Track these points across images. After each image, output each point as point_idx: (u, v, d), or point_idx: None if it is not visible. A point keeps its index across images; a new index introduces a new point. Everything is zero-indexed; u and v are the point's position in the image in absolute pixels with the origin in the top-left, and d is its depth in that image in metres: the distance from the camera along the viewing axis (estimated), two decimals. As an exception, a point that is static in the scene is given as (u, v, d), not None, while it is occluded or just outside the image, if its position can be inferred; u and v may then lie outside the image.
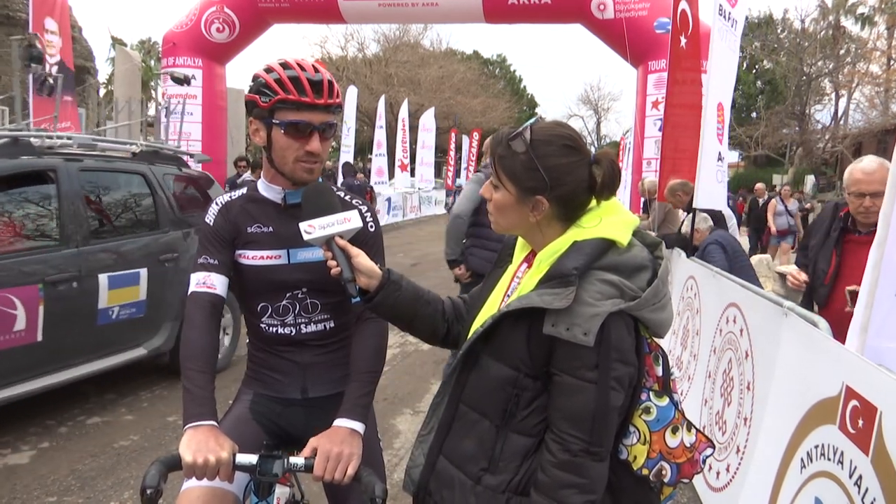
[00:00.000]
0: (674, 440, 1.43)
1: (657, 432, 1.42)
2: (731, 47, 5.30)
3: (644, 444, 1.41)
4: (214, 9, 12.30)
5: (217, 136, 13.05)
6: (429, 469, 1.52)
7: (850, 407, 2.00)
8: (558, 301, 1.32)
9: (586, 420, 1.32)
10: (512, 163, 1.43)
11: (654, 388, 1.44)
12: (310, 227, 1.58)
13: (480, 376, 1.46)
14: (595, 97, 53.40)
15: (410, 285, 1.63)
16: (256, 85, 1.75)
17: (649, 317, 1.39)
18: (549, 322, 1.33)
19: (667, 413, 1.43)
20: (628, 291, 1.35)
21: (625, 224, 1.43)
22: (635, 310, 1.36)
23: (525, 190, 1.42)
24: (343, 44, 38.36)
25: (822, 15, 30.61)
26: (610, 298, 1.33)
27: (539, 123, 1.45)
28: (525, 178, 1.42)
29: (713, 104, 5.07)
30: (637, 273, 1.39)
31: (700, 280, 4.73)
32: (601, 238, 1.39)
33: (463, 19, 12.88)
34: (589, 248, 1.38)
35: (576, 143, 1.44)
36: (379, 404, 4.90)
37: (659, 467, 1.42)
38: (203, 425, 1.61)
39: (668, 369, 1.49)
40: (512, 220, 1.48)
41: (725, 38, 5.15)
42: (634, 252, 1.41)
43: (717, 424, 3.55)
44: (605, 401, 1.32)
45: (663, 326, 1.44)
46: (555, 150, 1.41)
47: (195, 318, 1.75)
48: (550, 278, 1.36)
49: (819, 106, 32.52)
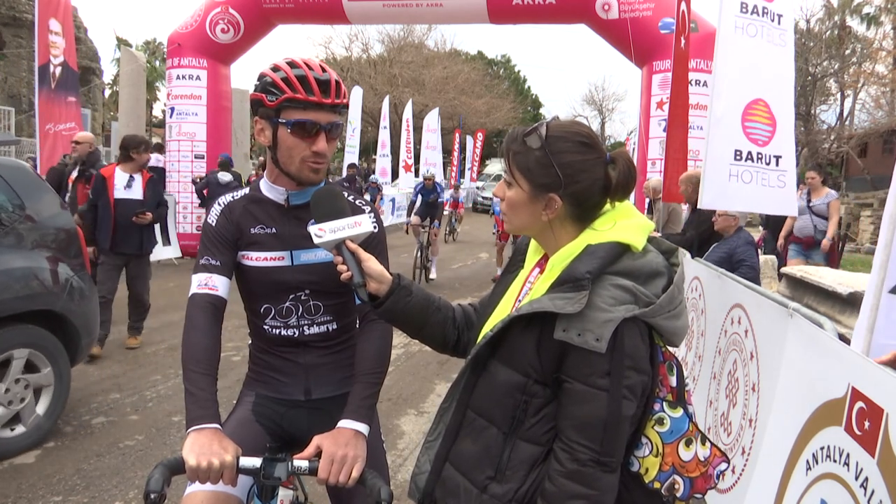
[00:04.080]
0: (687, 453, 1.39)
1: (670, 444, 1.38)
2: (775, 42, 5.06)
3: (656, 457, 1.38)
4: (219, 9, 12.30)
5: (222, 137, 13.04)
6: (434, 476, 1.49)
7: (856, 408, 1.99)
8: (570, 306, 1.29)
9: (597, 429, 1.29)
10: (526, 159, 1.40)
11: (668, 399, 1.40)
12: (320, 230, 1.56)
13: (489, 382, 1.43)
14: (599, 97, 53.33)
15: (421, 291, 1.60)
16: (263, 84, 1.73)
17: (664, 324, 1.35)
18: (560, 327, 1.30)
19: (680, 425, 1.39)
20: (643, 297, 1.32)
21: (640, 228, 1.40)
22: (650, 316, 1.32)
23: (538, 187, 1.39)
24: (347, 44, 38.50)
25: (827, 15, 30.48)
26: (623, 304, 1.30)
27: (555, 121, 1.43)
28: (539, 174, 1.39)
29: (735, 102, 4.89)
30: (652, 279, 1.36)
31: (705, 281, 4.71)
32: (615, 242, 1.36)
33: (467, 20, 12.86)
34: (603, 252, 1.34)
35: (592, 142, 1.41)
36: (383, 405, 4.90)
37: (671, 481, 1.38)
38: (206, 428, 1.60)
39: (683, 379, 1.46)
40: (524, 219, 1.45)
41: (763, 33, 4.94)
42: (649, 257, 1.38)
43: (723, 426, 3.54)
44: (617, 410, 1.29)
45: (678, 335, 1.40)
46: (570, 147, 1.38)
47: (197, 320, 1.74)
48: (563, 282, 1.33)
49: (825, 106, 32.34)
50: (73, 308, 4.39)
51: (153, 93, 38.36)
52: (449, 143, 33.51)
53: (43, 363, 4.20)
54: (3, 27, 20.98)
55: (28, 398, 4.12)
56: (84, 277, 4.57)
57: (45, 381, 4.23)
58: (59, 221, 4.53)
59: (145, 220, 6.11)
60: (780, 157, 4.94)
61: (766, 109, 4.96)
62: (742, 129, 4.85)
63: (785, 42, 5.13)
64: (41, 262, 4.26)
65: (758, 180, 4.89)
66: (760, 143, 4.94)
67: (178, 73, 12.53)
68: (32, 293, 4.13)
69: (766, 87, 4.97)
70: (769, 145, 4.95)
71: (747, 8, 4.90)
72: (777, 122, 4.99)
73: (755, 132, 4.93)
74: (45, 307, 4.22)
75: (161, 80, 35.74)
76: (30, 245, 4.26)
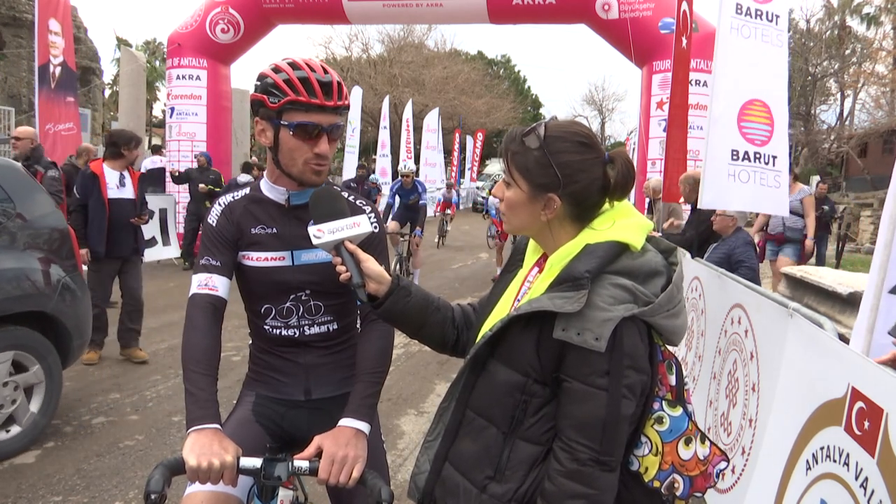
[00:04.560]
0: (687, 452, 1.40)
1: (670, 443, 1.38)
2: (772, 42, 5.09)
3: (656, 456, 1.38)
4: (219, 10, 12.30)
5: (222, 137, 13.04)
6: (434, 476, 1.50)
7: (855, 408, 1.99)
8: (569, 305, 1.29)
9: (596, 428, 1.29)
10: (525, 159, 1.40)
11: (668, 398, 1.40)
12: (319, 231, 1.56)
13: (488, 381, 1.43)
14: (599, 97, 53.33)
15: (420, 291, 1.60)
16: (264, 85, 1.72)
17: (663, 323, 1.36)
18: (559, 326, 1.30)
19: (680, 424, 1.39)
20: (642, 297, 1.32)
21: (639, 227, 1.40)
22: (649, 315, 1.33)
23: (537, 187, 1.40)
24: (347, 44, 38.47)
25: (827, 15, 30.49)
26: (623, 303, 1.30)
27: (554, 121, 1.44)
28: (538, 174, 1.39)
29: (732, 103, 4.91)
30: (651, 278, 1.36)
31: (705, 281, 4.71)
32: (614, 241, 1.36)
33: (467, 20, 12.86)
34: (602, 252, 1.35)
35: (590, 141, 1.41)
36: (383, 405, 4.90)
37: (671, 480, 1.39)
38: (207, 428, 1.60)
39: (682, 379, 1.46)
40: (523, 219, 1.45)
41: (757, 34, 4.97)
42: (648, 257, 1.38)
43: (723, 426, 3.54)
44: (616, 409, 1.29)
45: (677, 334, 1.40)
46: (569, 147, 1.39)
47: (197, 320, 1.74)
48: (562, 281, 1.34)
49: (825, 106, 32.37)
50: (65, 309, 4.35)
51: (153, 93, 38.37)
52: (449, 143, 33.53)
53: (30, 362, 4.14)
54: (3, 27, 20.96)
55: (20, 399, 4.08)
56: (76, 278, 4.53)
57: (34, 378, 4.17)
58: (50, 221, 4.49)
59: (143, 221, 6.04)
60: (776, 157, 4.97)
61: (766, 109, 4.98)
62: (738, 129, 4.88)
63: (781, 42, 5.17)
64: (33, 262, 4.21)
65: (756, 180, 4.91)
66: (758, 142, 4.95)
67: (178, 73, 12.52)
68: (24, 294, 4.09)
69: (763, 88, 5.00)
70: (768, 145, 4.96)
71: (742, 9, 4.94)
72: (775, 122, 5.01)
73: (753, 132, 4.95)
74: (37, 308, 4.18)
75: (161, 80, 35.76)
76: (21, 246, 4.23)
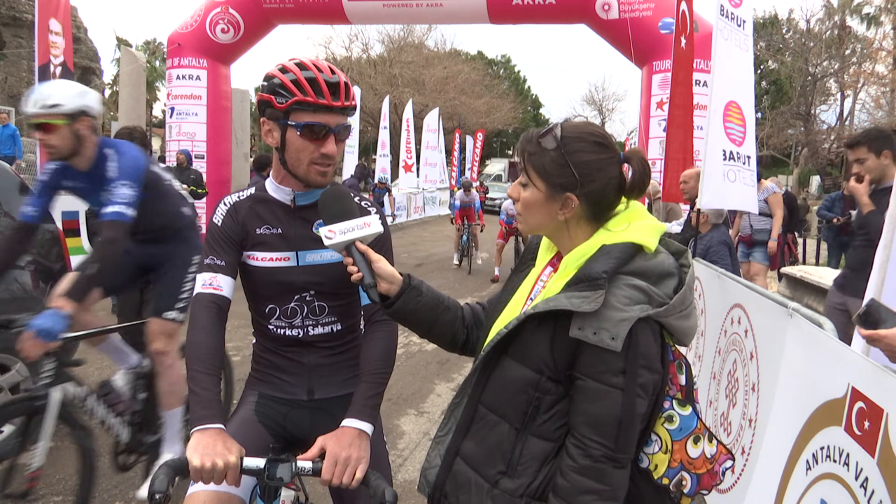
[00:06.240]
0: (695, 450, 1.42)
1: (679, 441, 1.41)
2: (740, 46, 5.22)
3: (665, 453, 1.41)
4: (219, 10, 12.29)
5: (222, 137, 13.04)
6: (445, 471, 1.51)
7: (855, 408, 2.00)
8: (587, 304, 1.31)
9: (610, 426, 1.31)
10: (542, 159, 1.42)
11: (678, 397, 1.43)
12: (330, 232, 1.56)
13: (501, 378, 1.45)
14: (599, 97, 53.36)
15: (431, 291, 1.62)
16: (271, 85, 1.72)
17: (675, 324, 1.38)
18: (575, 325, 1.32)
19: (689, 422, 1.42)
20: (656, 297, 1.35)
21: (653, 229, 1.43)
22: (663, 316, 1.35)
23: (555, 187, 1.42)
24: (347, 44, 38.52)
25: (827, 15, 30.50)
26: (638, 304, 1.33)
27: (569, 122, 1.45)
28: (555, 174, 1.41)
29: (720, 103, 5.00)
30: (663, 279, 1.38)
31: (704, 281, 4.72)
32: (630, 242, 1.39)
33: (467, 20, 12.86)
34: (618, 252, 1.37)
35: (606, 141, 1.44)
36: (383, 405, 4.88)
37: (679, 477, 1.42)
38: (210, 428, 1.60)
39: (692, 378, 1.48)
40: (540, 219, 1.47)
41: (732, 38, 5.10)
42: (661, 258, 1.40)
43: (722, 426, 3.54)
44: (631, 407, 1.32)
45: (688, 335, 1.43)
46: (585, 147, 1.41)
47: (201, 320, 1.74)
48: (578, 281, 1.36)
49: (825, 106, 32.40)
50: None
51: (153, 93, 38.38)
52: (449, 143, 33.52)
53: (11, 361, 4.04)
54: (3, 27, 20.98)
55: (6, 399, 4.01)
56: None
57: (18, 376, 4.07)
58: None
59: None
60: (749, 156, 5.12)
61: (739, 111, 5.14)
62: (724, 130, 5.00)
63: (748, 47, 5.33)
64: (21, 264, 4.11)
65: (739, 179, 5.05)
66: (738, 142, 5.11)
67: (178, 73, 12.52)
68: (12, 297, 4.03)
69: (737, 90, 5.16)
70: (743, 145, 5.13)
71: (725, 12, 5.05)
72: (747, 123, 5.18)
73: (733, 132, 5.10)
74: (25, 311, 4.05)
75: (161, 80, 35.77)
76: None
